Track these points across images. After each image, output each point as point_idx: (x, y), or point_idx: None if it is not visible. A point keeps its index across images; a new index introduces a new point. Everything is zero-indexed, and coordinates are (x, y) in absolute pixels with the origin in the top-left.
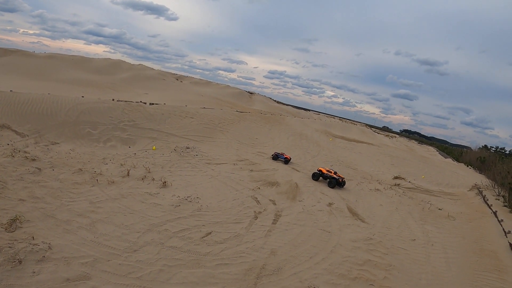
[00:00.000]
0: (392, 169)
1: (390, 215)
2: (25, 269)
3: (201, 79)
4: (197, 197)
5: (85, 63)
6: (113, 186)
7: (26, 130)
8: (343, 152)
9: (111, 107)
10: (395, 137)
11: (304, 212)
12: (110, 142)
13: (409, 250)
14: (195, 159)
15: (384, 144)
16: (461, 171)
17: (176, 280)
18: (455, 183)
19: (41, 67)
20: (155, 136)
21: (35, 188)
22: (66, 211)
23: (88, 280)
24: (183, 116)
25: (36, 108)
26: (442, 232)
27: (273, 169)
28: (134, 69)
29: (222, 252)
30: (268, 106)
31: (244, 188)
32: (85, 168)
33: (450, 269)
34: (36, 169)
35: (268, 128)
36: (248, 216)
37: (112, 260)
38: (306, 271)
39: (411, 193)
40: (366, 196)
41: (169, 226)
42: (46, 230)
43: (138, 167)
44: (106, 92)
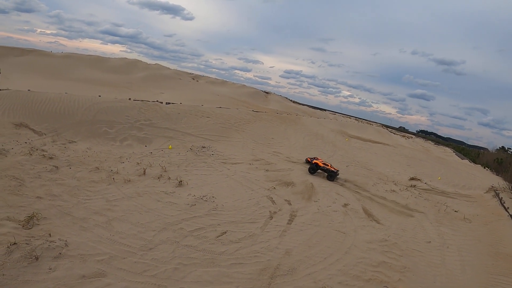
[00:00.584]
0: (408, 170)
1: (406, 217)
2: (42, 265)
3: (217, 79)
4: (213, 196)
5: (101, 62)
6: (129, 184)
7: (43, 129)
8: (359, 152)
9: (128, 106)
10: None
11: (319, 213)
12: (126, 141)
13: (424, 252)
14: (211, 158)
15: (400, 145)
16: (478, 172)
17: (191, 278)
18: (471, 184)
19: (58, 67)
20: (171, 135)
21: (52, 186)
22: (82, 209)
23: (103, 277)
24: (199, 116)
25: (53, 107)
26: (457, 234)
27: (288, 169)
28: (150, 69)
29: (237, 251)
30: (284, 105)
31: (260, 188)
32: (101, 166)
33: (465, 272)
34: (53, 167)
35: (284, 127)
36: (263, 216)
37: (127, 258)
38: (320, 272)
39: (427, 194)
40: (382, 197)
41: (184, 225)
42: (62, 228)
43: (154, 166)
44: (123, 91)
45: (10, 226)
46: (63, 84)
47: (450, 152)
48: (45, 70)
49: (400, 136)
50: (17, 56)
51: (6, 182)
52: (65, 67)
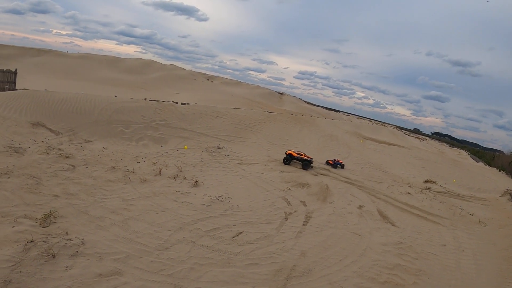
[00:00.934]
0: (423, 172)
1: (421, 219)
2: (59, 263)
3: (231, 79)
4: (228, 197)
5: (117, 63)
6: (145, 184)
7: (60, 128)
8: (374, 154)
9: (144, 106)
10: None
11: (335, 214)
12: (142, 141)
13: (439, 256)
14: (226, 159)
15: (415, 147)
16: (493, 175)
17: (207, 278)
18: (486, 188)
19: (74, 67)
20: (187, 135)
21: (69, 185)
22: (99, 208)
23: (120, 276)
24: (214, 116)
25: (70, 107)
26: (472, 238)
27: (303, 170)
28: (166, 69)
29: (253, 252)
30: (298, 106)
31: (275, 189)
32: (118, 166)
33: (480, 276)
34: (70, 166)
35: (299, 129)
36: (279, 217)
37: (144, 257)
38: (335, 274)
39: (442, 197)
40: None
41: (200, 225)
42: (79, 226)
43: (170, 166)
44: (138, 91)
45: (28, 224)
46: (79, 84)
47: (465, 154)
48: (61, 70)
49: (415, 138)
50: (34, 56)
51: (23, 180)
52: (81, 67)
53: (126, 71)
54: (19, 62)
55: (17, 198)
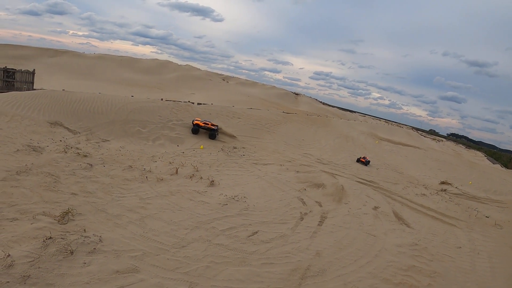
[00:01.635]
0: (439, 174)
1: (436, 221)
2: (77, 259)
3: (247, 80)
4: (244, 196)
5: (133, 63)
6: (162, 183)
7: (78, 128)
8: (389, 155)
9: (160, 106)
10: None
11: (350, 215)
12: (159, 141)
13: (455, 258)
14: (242, 159)
15: (431, 148)
16: (510, 177)
17: (222, 277)
18: (503, 190)
19: (91, 67)
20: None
21: (86, 183)
22: (116, 206)
23: (137, 273)
24: (230, 116)
25: (87, 107)
26: (488, 240)
27: (319, 171)
28: (181, 70)
29: (268, 251)
30: (313, 107)
31: (291, 189)
32: (135, 165)
33: (495, 278)
34: (87, 165)
35: (314, 129)
36: (294, 217)
37: (160, 255)
38: (350, 274)
39: (458, 199)
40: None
41: (216, 224)
42: (97, 224)
43: (186, 165)
44: (154, 91)
45: (46, 221)
46: (96, 84)
47: (482, 156)
48: (78, 71)
49: (431, 139)
50: (51, 57)
51: (42, 178)
52: (98, 67)
53: (142, 71)
54: (36, 62)
55: (36, 195)
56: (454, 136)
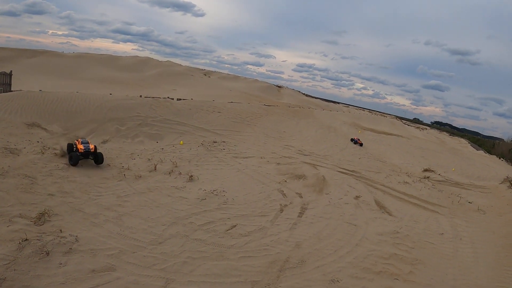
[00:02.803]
0: (422, 162)
1: (419, 209)
2: (53, 260)
3: (229, 74)
4: (223, 190)
5: (113, 61)
6: (140, 180)
7: (55, 128)
8: (372, 144)
9: (139, 103)
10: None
11: (331, 205)
12: (138, 138)
13: (437, 244)
14: (222, 153)
15: (414, 136)
16: (493, 163)
17: (200, 272)
18: (486, 175)
19: (71, 67)
20: (183, 131)
21: (64, 183)
22: (93, 205)
23: (113, 271)
24: (210, 111)
25: (64, 106)
26: (471, 226)
27: (300, 162)
28: (162, 66)
29: (246, 244)
30: (296, 99)
31: (271, 181)
32: (112, 163)
33: (478, 264)
34: (65, 165)
35: (296, 121)
36: (274, 209)
37: (137, 252)
38: (330, 265)
39: (441, 186)
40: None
41: (194, 219)
42: (73, 224)
43: (165, 161)
44: (135, 89)
45: (22, 223)
46: (76, 84)
47: (465, 143)
48: (57, 71)
49: (415, 128)
50: (29, 57)
51: (19, 180)
52: (77, 67)
53: (123, 69)
54: (14, 64)
55: (13, 198)
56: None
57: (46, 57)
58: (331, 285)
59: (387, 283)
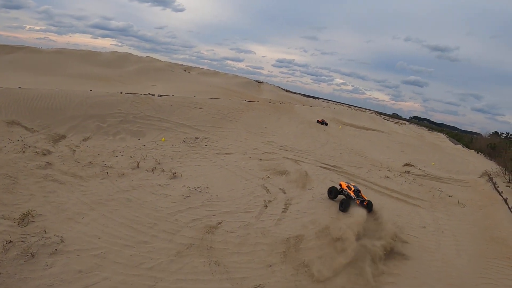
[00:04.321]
0: (402, 156)
1: (400, 202)
2: (38, 262)
3: (209, 70)
4: (207, 187)
5: (92, 57)
6: (123, 178)
7: (36, 126)
8: (353, 139)
9: (120, 100)
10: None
11: (314, 200)
12: (119, 135)
13: (419, 238)
14: (204, 149)
15: (394, 131)
16: (472, 157)
17: (187, 270)
18: (465, 170)
19: (49, 63)
20: (164, 127)
21: (46, 182)
22: (77, 204)
23: (100, 271)
24: (191, 107)
25: (45, 104)
26: (452, 219)
27: (283, 158)
28: (142, 62)
29: (233, 241)
30: (276, 95)
31: (254, 177)
32: (95, 161)
33: (460, 256)
34: (46, 163)
35: (277, 117)
36: (258, 205)
37: (123, 251)
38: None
39: (421, 180)
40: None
41: (179, 217)
42: (58, 224)
43: (148, 158)
44: (115, 85)
45: (6, 225)
46: (55, 80)
47: (444, 137)
48: (35, 67)
49: (394, 123)
50: (7, 53)
51: (0, 181)
52: (56, 63)
53: (102, 65)
54: None
55: None
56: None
57: (24, 53)
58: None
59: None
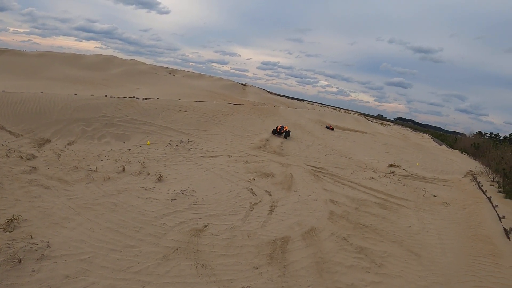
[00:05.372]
0: (387, 157)
1: (385, 202)
2: (25, 268)
3: (193, 72)
4: (193, 190)
5: (76, 60)
6: (109, 182)
7: (20, 130)
8: (338, 141)
9: (104, 103)
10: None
11: (300, 202)
12: (104, 139)
13: (405, 237)
14: (189, 152)
15: (379, 133)
16: (456, 157)
17: (175, 273)
18: (449, 169)
19: (33, 66)
20: (149, 131)
21: (31, 187)
22: (63, 209)
23: (87, 276)
24: (176, 110)
25: (29, 108)
26: (437, 218)
27: (268, 160)
28: (126, 64)
29: (219, 243)
30: (261, 97)
31: (240, 180)
32: (80, 165)
33: (445, 255)
34: (31, 168)
35: (262, 119)
36: (244, 207)
37: (110, 256)
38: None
39: (406, 180)
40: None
41: (166, 220)
42: (44, 229)
43: (133, 162)
44: (99, 88)
45: None
46: (39, 83)
47: (428, 138)
48: (19, 70)
49: (378, 124)
50: None
51: None
52: (40, 66)
53: (87, 68)
54: None
55: None
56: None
57: (7, 56)
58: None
59: (359, 276)
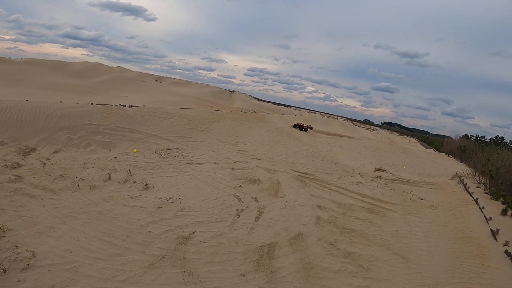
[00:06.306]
0: (374, 162)
1: (372, 207)
2: (10, 278)
3: (180, 79)
4: (179, 197)
5: (63, 67)
6: (94, 190)
7: (5, 138)
8: (324, 146)
9: (90, 111)
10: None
11: (287, 208)
12: (90, 147)
13: (392, 241)
14: (176, 160)
15: (365, 137)
16: (442, 160)
17: (161, 281)
18: (436, 172)
19: (19, 73)
20: (136, 138)
21: (16, 196)
22: (48, 218)
23: (73, 286)
24: (163, 117)
25: (14, 115)
26: (424, 221)
27: (254, 167)
28: (113, 72)
29: (206, 251)
30: (248, 103)
31: (226, 187)
32: (66, 174)
33: (433, 257)
34: (16, 177)
35: (249, 125)
36: (231, 214)
37: (96, 265)
38: (289, 266)
39: (393, 184)
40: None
41: (152, 228)
42: (29, 238)
43: (119, 170)
44: (85, 96)
45: None
46: (24, 91)
47: (415, 142)
48: (4, 77)
49: (365, 129)
50: None
51: None
52: (26, 73)
53: (73, 75)
54: None
55: None
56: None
57: None
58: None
59: (346, 281)
